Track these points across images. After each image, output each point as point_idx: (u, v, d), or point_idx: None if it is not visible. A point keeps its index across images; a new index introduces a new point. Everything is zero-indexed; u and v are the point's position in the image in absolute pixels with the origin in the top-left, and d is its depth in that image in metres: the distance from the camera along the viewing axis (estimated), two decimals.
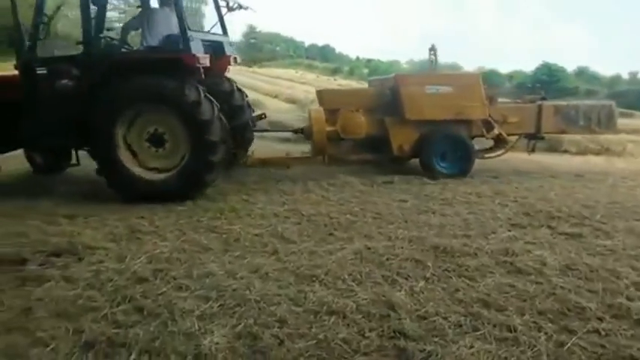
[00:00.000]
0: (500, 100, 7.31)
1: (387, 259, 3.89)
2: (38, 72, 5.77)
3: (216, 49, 6.22)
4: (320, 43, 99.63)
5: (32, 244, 4.43)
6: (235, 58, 6.60)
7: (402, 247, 4.13)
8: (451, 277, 3.59)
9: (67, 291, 3.54)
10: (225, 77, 6.84)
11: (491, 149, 7.13)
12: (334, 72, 67.77)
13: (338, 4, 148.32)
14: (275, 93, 24.25)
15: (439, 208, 5.32)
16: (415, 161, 7.05)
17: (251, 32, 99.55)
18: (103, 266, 3.92)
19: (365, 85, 8.82)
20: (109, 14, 7.41)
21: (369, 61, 74.67)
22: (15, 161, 7.27)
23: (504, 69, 53.21)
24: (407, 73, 8.72)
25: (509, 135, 6.89)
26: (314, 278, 3.60)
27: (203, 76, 5.52)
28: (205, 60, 5.54)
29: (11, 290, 3.59)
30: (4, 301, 3.42)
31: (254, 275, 3.68)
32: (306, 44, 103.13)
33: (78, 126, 5.57)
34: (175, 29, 5.67)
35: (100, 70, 5.43)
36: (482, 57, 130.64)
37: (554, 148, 10.00)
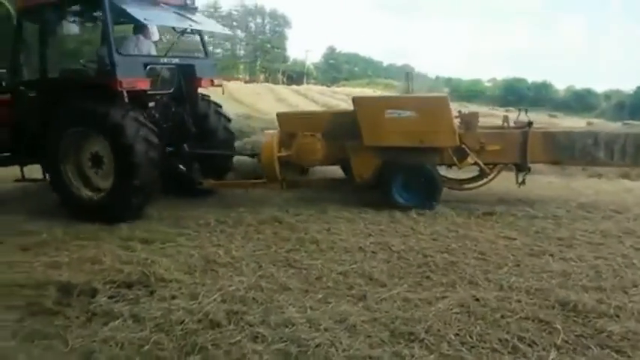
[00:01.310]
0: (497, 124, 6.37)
1: (502, 317, 3.18)
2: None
3: (186, 72, 6.42)
4: (399, 63, 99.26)
5: (105, 272, 4.21)
6: (212, 81, 6.64)
7: (520, 301, 3.39)
8: (591, 347, 2.82)
9: (134, 332, 3.20)
10: (205, 100, 6.82)
11: (473, 179, 6.20)
12: (413, 92, 66.58)
13: (419, 24, 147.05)
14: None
15: (557, 250, 4.48)
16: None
17: (330, 53, 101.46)
18: (174, 304, 3.55)
19: None
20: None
21: (449, 79, 72.87)
22: None
23: (600, 88, 49.49)
24: (366, 95, 8.05)
25: (488, 165, 5.94)
26: (412, 336, 2.98)
27: (127, 99, 5.53)
28: (141, 84, 5.65)
29: (78, 328, 3.31)
30: (68, 340, 3.13)
31: (340, 327, 3.13)
32: (385, 64, 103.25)
33: (32, 143, 6.07)
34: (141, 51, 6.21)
35: (47, 95, 6.04)
36: (574, 76, 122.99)
37: None
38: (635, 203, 6.42)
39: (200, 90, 6.83)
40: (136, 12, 5.61)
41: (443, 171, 6.30)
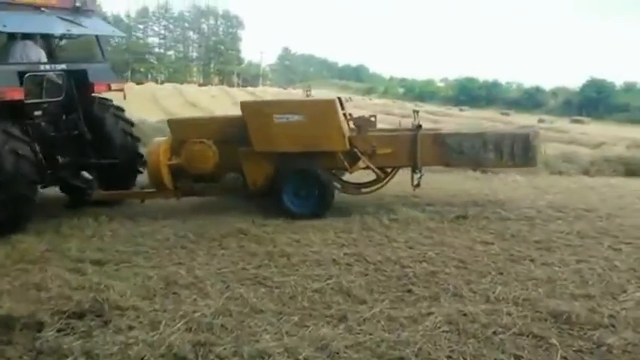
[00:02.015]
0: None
1: (495, 333, 2.97)
2: None
3: (78, 78, 6.21)
4: (354, 64, 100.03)
5: (52, 300, 3.75)
6: (109, 85, 6.43)
7: (510, 314, 3.19)
8: None
9: None
10: (104, 105, 6.55)
11: (371, 183, 6.13)
12: (368, 92, 67.41)
13: (372, 25, 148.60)
14: None
15: (537, 255, 4.34)
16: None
17: (285, 54, 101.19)
18: (132, 336, 3.14)
19: None
20: (150, 40, 7.08)
21: (402, 80, 74.04)
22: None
23: (548, 85, 51.41)
24: (254, 100, 7.92)
25: (381, 168, 5.90)
26: None
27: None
28: (12, 94, 5.39)
29: None
30: None
31: (321, 355, 2.83)
32: (340, 64, 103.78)
33: None
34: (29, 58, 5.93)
35: None
36: (522, 73, 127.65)
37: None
38: (601, 200, 6.46)
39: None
40: None
41: (346, 176, 6.17)
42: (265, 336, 3.08)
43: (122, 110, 6.74)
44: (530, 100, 48.69)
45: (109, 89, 6.43)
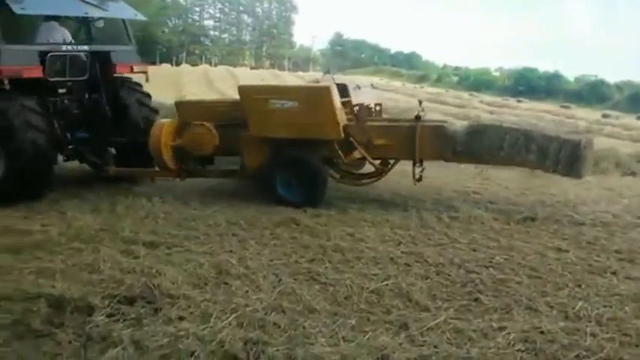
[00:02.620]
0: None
1: (578, 357, 2.64)
2: None
3: (101, 59, 6.49)
4: (406, 51, 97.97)
5: (104, 283, 3.71)
6: (131, 67, 6.68)
7: (594, 336, 2.85)
8: None
9: None
10: (127, 88, 6.77)
11: (372, 174, 5.93)
12: (420, 80, 65.88)
13: (426, 12, 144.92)
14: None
15: (619, 267, 3.92)
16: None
17: (337, 39, 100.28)
18: (182, 328, 3.03)
19: None
20: (206, 22, 7.40)
21: (456, 68, 71.80)
22: None
23: (613, 78, 48.40)
24: (252, 85, 7.21)
25: (377, 159, 5.72)
26: None
27: (7, 86, 5.90)
28: (30, 72, 5.75)
29: (69, 358, 2.80)
30: None
31: None
32: (392, 51, 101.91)
33: None
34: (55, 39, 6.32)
35: None
36: (583, 66, 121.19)
37: None
38: None
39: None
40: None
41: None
42: (320, 339, 2.89)
43: (148, 96, 7.00)
44: (593, 93, 45.94)
45: (131, 71, 6.66)
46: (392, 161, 5.81)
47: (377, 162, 5.78)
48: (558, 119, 19.89)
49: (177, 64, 54.45)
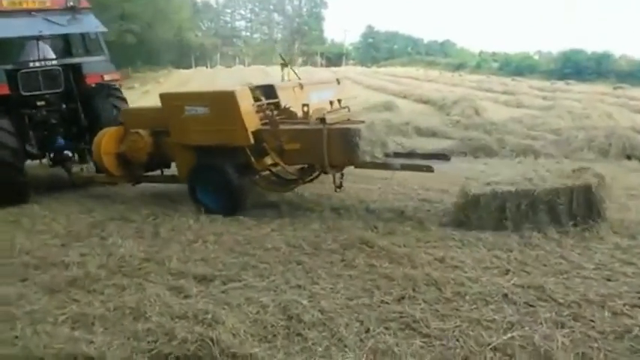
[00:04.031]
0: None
1: None
2: None
3: (75, 71, 7.04)
4: (440, 39, 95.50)
5: (150, 335, 3.03)
6: (101, 76, 7.07)
7: None
8: None
9: None
10: (102, 96, 7.05)
11: (289, 181, 5.63)
12: (458, 68, 63.88)
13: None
14: (403, 93, 22.23)
15: None
16: None
17: (369, 32, 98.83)
18: None
19: None
20: (238, 23, 7.18)
21: (494, 54, 69.23)
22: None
23: None
24: (171, 92, 6.80)
25: (292, 165, 5.43)
26: None
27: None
28: None
29: None
30: None
31: None
32: (425, 41, 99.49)
33: None
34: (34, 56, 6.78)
35: None
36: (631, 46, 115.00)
37: None
38: None
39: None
40: None
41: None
42: None
43: (124, 101, 7.32)
44: None
45: (102, 80, 7.05)
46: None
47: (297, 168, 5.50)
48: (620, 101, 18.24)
49: (212, 66, 54.62)
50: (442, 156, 5.42)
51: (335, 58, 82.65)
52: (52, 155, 7.16)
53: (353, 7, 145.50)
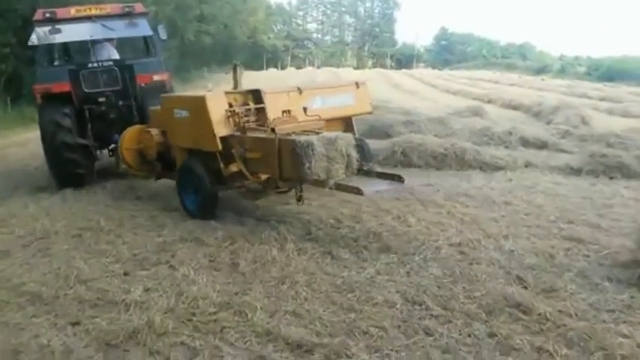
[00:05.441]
0: None
1: None
2: None
3: (130, 71, 7.42)
4: (518, 42, 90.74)
5: None
6: (151, 77, 7.45)
7: None
8: None
9: None
10: (148, 90, 7.36)
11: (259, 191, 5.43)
12: (539, 71, 60.03)
13: (537, 1, 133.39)
14: (486, 97, 20.39)
15: None
16: None
17: (442, 34, 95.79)
18: None
19: None
20: (309, 26, 6.79)
21: (576, 57, 64.55)
22: None
23: None
24: (170, 95, 6.43)
25: (255, 175, 5.17)
26: None
27: (39, 100, 7.25)
28: (58, 87, 7.04)
29: None
30: None
31: None
32: (502, 43, 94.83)
33: None
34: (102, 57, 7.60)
35: None
36: None
37: None
38: None
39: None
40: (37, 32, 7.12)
41: None
42: None
43: None
44: None
45: (151, 80, 7.48)
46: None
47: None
48: None
49: (283, 67, 54.79)
50: (397, 177, 4.92)
51: (406, 60, 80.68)
52: (109, 147, 7.77)
53: (426, 9, 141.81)
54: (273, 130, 4.72)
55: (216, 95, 5.30)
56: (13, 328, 3.35)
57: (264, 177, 5.22)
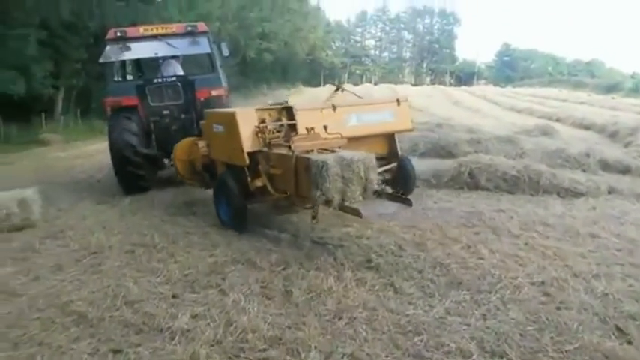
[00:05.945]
0: None
1: None
2: None
3: (191, 86, 7.87)
4: (585, 58, 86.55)
5: None
6: (209, 91, 7.76)
7: None
8: None
9: None
10: (207, 104, 7.50)
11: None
12: (609, 90, 56.75)
13: (606, 16, 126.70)
14: (555, 116, 19.19)
15: None
16: None
17: (504, 50, 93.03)
18: None
19: None
20: (367, 42, 6.79)
21: None
22: None
23: None
24: (212, 110, 6.04)
25: (278, 191, 5.02)
26: None
27: (109, 112, 7.80)
28: (127, 101, 7.58)
29: None
30: None
31: None
32: (568, 60, 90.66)
33: None
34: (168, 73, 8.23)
35: None
36: None
37: None
38: None
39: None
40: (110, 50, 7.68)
41: None
42: None
43: None
44: None
45: (209, 95, 7.80)
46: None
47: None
48: None
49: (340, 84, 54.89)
50: (407, 200, 5.04)
51: (465, 77, 78.84)
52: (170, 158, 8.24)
53: (487, 25, 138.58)
54: (289, 147, 4.70)
55: (247, 111, 5.33)
56: (55, 351, 3.19)
57: (288, 193, 5.08)
